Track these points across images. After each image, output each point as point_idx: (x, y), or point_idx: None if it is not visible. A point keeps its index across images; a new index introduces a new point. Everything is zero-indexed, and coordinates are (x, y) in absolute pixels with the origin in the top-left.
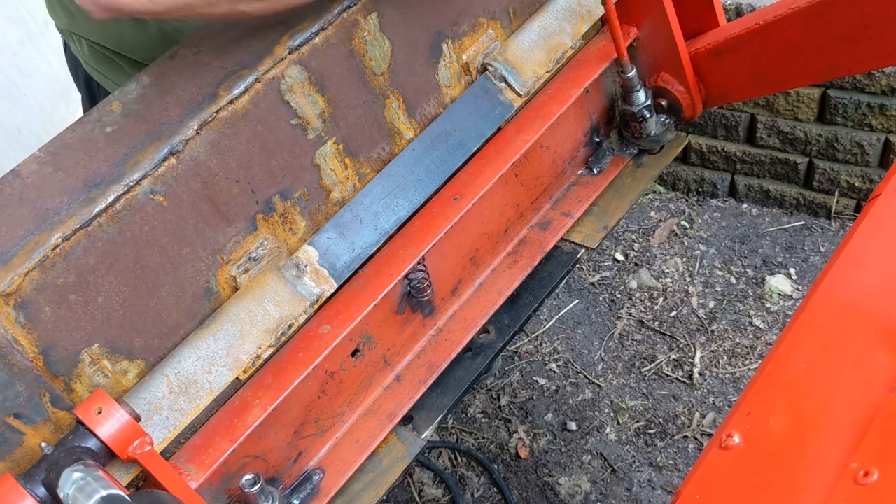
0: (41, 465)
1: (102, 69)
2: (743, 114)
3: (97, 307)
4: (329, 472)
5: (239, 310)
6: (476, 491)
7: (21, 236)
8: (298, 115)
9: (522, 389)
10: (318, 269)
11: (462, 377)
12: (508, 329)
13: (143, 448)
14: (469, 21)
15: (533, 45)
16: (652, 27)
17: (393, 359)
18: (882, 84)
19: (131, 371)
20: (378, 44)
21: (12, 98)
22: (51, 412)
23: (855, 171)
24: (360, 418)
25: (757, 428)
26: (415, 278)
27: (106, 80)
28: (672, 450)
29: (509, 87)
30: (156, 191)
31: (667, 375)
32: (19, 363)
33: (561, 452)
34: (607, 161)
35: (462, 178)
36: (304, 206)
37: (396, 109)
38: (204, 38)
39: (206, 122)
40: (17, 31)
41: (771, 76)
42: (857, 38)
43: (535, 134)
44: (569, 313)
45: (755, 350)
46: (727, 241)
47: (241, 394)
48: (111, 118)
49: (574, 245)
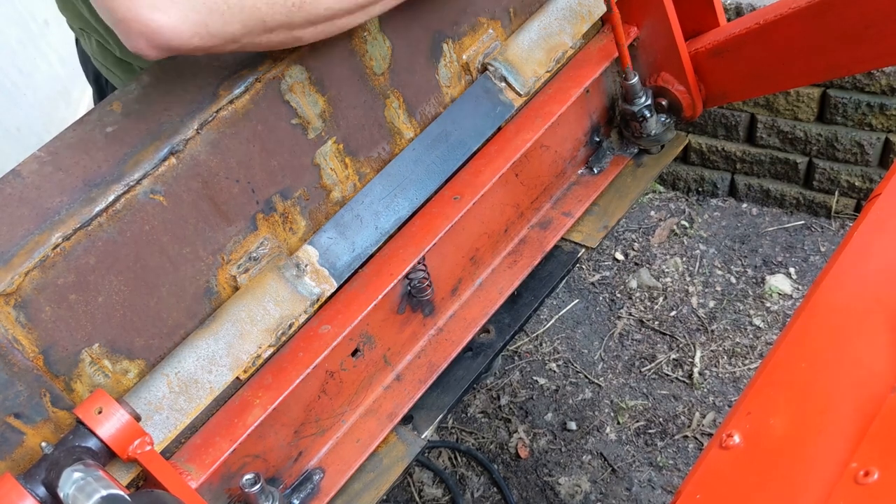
0: (41, 465)
1: (111, 66)
2: (743, 113)
3: (97, 307)
4: (329, 472)
5: (239, 309)
6: (476, 491)
7: (21, 236)
8: (299, 115)
9: (522, 389)
10: (318, 268)
11: (462, 377)
12: (509, 329)
13: (144, 448)
14: (469, 21)
15: (533, 44)
16: (652, 27)
17: (393, 358)
18: (882, 84)
19: (131, 371)
20: (378, 43)
21: (12, 98)
22: (51, 412)
23: (855, 171)
24: (361, 418)
25: (757, 428)
26: (415, 278)
27: (114, 77)
28: (672, 449)
29: (509, 87)
30: (156, 190)
31: (667, 375)
32: (19, 363)
33: (561, 452)
34: (607, 161)
35: (462, 177)
36: (305, 205)
37: (397, 109)
38: None
39: (207, 121)
40: (17, 31)
41: (771, 76)
42: (857, 38)
43: (536, 133)
44: (569, 313)
45: (755, 350)
46: (727, 241)
47: (242, 393)
48: (111, 118)
49: (574, 245)
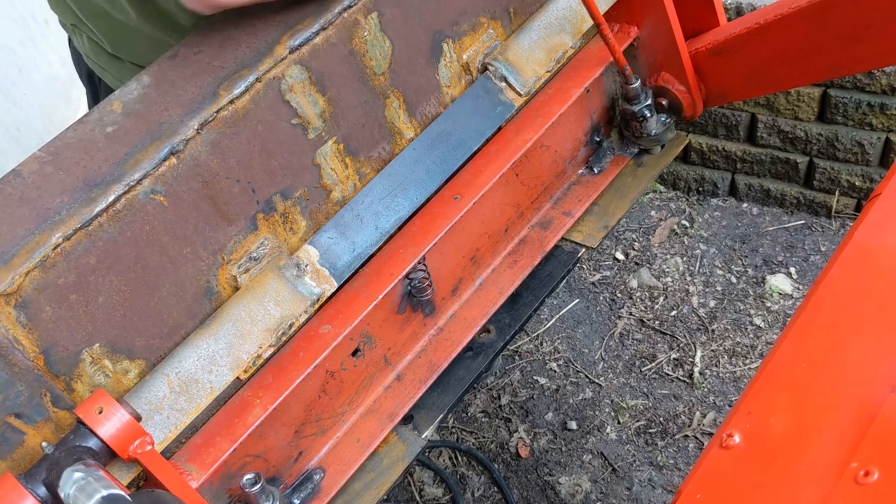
0: (42, 465)
1: (104, 64)
2: (743, 113)
3: (98, 307)
4: (329, 472)
5: (239, 309)
6: (476, 490)
7: (22, 236)
8: (299, 115)
9: (523, 389)
10: (318, 268)
11: (462, 377)
12: (509, 328)
13: (144, 448)
14: (469, 21)
15: (533, 44)
16: (652, 26)
17: (393, 358)
18: (882, 83)
19: (132, 371)
20: (378, 43)
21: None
22: (51, 412)
23: (855, 171)
24: (361, 418)
25: (757, 427)
26: (415, 278)
27: (106, 75)
28: (672, 449)
29: (510, 87)
30: (156, 190)
31: (667, 374)
32: (20, 363)
33: (561, 452)
34: (608, 160)
35: (462, 177)
36: (305, 205)
37: (397, 109)
38: (204, 38)
39: (207, 121)
40: (17, 30)
41: (771, 75)
42: (857, 38)
43: (536, 133)
44: (569, 312)
45: (756, 349)
46: (728, 241)
47: (242, 393)
48: (112, 118)
49: (574, 244)
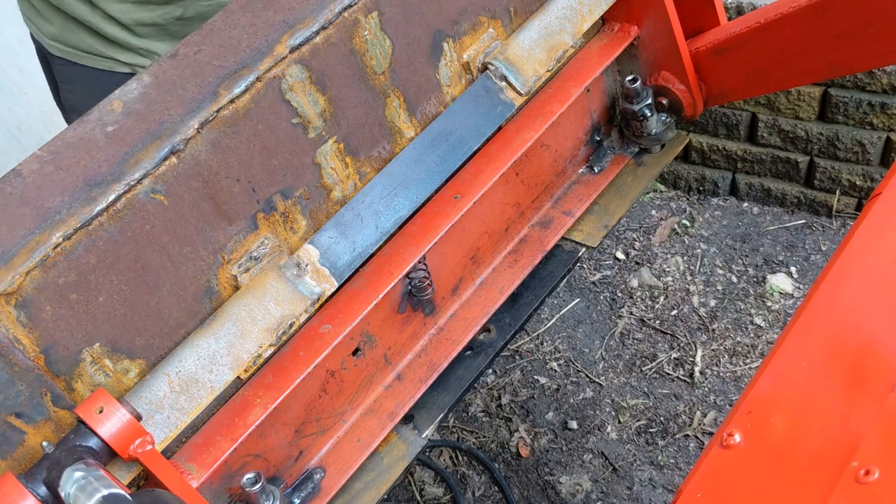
0: (42, 464)
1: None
2: (744, 112)
3: (98, 306)
4: (330, 471)
5: (240, 309)
6: (477, 490)
7: (22, 235)
8: (299, 114)
9: (523, 388)
10: (318, 268)
11: (463, 376)
12: (509, 328)
13: (145, 447)
14: (470, 20)
15: (534, 43)
16: (653, 26)
17: (394, 358)
18: (883, 82)
19: (132, 370)
20: (379, 43)
21: (13, 97)
22: (52, 411)
23: (856, 170)
24: (361, 417)
25: (758, 427)
26: (415, 277)
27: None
28: (673, 448)
29: (510, 86)
30: (157, 190)
31: (668, 374)
32: (20, 362)
33: (562, 451)
34: (608, 160)
35: (463, 176)
36: (305, 205)
37: (397, 108)
38: (204, 38)
39: (207, 121)
40: (17, 30)
41: (772, 75)
42: (857, 37)
43: (536, 133)
44: (570, 312)
45: (756, 349)
46: (728, 240)
47: (242, 393)
48: (112, 117)
49: (575, 244)
